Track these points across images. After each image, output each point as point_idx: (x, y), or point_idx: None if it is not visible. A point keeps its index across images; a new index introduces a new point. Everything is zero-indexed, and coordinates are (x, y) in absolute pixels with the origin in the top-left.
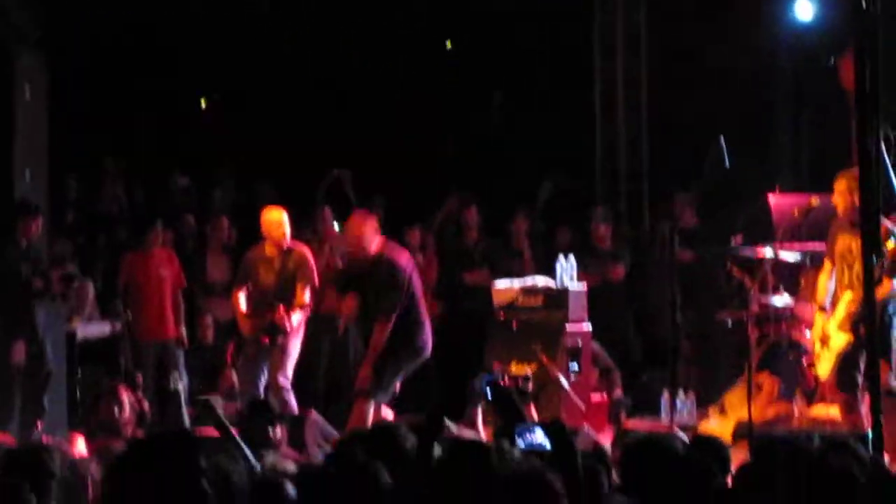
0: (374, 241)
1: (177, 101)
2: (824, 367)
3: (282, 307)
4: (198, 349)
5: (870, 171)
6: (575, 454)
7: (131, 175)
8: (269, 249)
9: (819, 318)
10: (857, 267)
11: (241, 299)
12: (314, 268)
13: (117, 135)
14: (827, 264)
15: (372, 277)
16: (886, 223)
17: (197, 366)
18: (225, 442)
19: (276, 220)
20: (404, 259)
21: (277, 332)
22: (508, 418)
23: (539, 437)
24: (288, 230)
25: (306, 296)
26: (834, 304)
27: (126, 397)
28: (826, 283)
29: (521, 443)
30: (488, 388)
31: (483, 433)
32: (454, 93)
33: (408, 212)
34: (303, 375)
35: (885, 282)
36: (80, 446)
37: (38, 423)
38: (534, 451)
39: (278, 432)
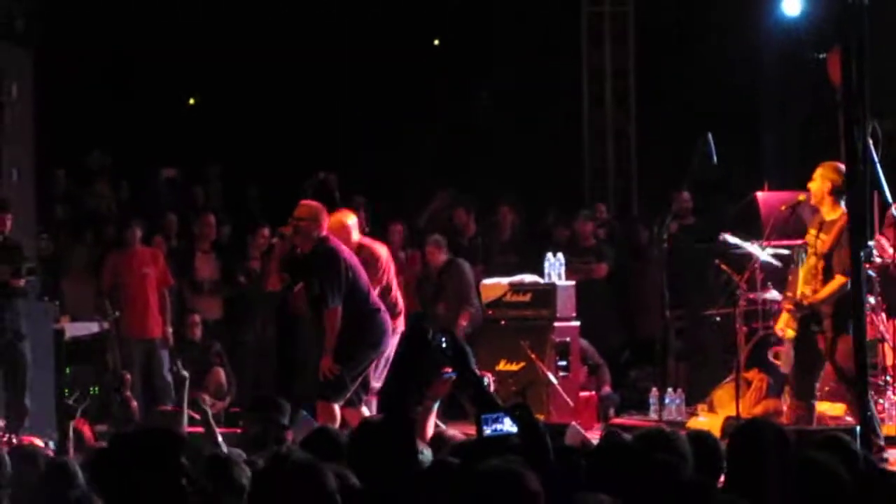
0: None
1: (165, 97)
2: (783, 360)
3: None
4: (185, 347)
5: (857, 167)
6: (543, 437)
7: (118, 171)
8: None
9: (786, 314)
10: (812, 261)
11: None
12: (385, 266)
13: (105, 131)
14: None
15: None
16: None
17: (185, 364)
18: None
19: (337, 222)
20: (344, 250)
21: None
22: (467, 378)
23: (507, 424)
24: (353, 231)
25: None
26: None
27: None
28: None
29: (487, 430)
30: (443, 341)
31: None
32: (440, 89)
33: (392, 208)
34: (291, 376)
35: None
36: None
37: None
38: (500, 436)
39: (289, 434)
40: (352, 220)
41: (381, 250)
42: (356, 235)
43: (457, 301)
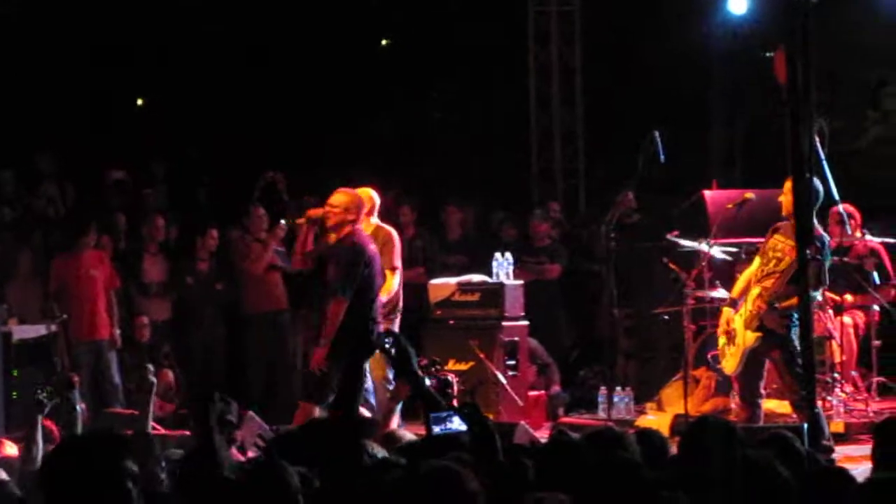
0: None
1: (112, 98)
2: (730, 363)
3: None
4: (134, 349)
5: (802, 166)
6: (492, 436)
7: (65, 172)
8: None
9: (726, 313)
10: (772, 265)
11: None
12: (400, 250)
13: (52, 132)
14: (755, 260)
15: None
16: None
17: (133, 365)
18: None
19: (367, 196)
20: (371, 249)
21: None
22: (408, 378)
23: (455, 423)
24: (376, 210)
25: (393, 280)
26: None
27: None
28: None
29: (437, 429)
30: (387, 341)
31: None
32: (389, 89)
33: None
34: (238, 373)
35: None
36: (9, 450)
37: None
38: (449, 435)
39: (238, 434)
40: (378, 200)
41: (395, 234)
42: (375, 217)
43: None
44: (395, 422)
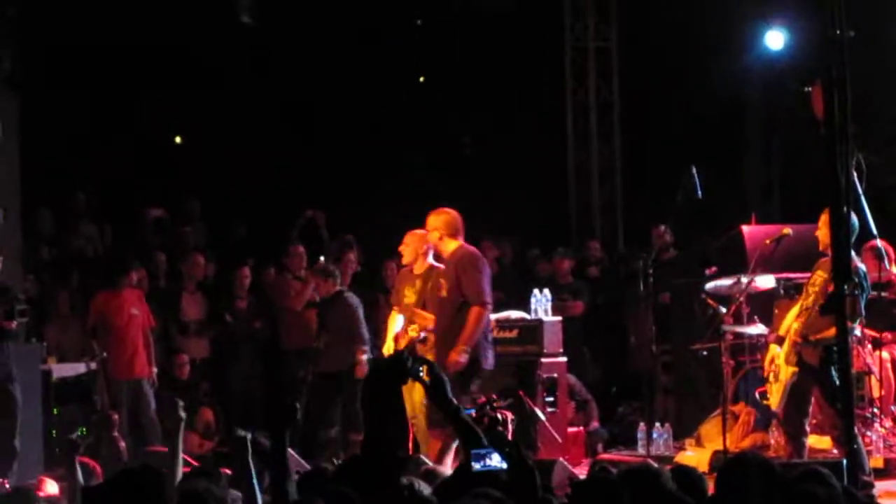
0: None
1: (150, 137)
2: (774, 399)
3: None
4: (173, 387)
5: (840, 200)
6: (532, 474)
7: (103, 210)
8: (416, 267)
9: (772, 350)
10: (810, 300)
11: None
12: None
13: (90, 170)
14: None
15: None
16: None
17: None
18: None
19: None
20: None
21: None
22: (445, 408)
23: (495, 460)
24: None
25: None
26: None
27: None
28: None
29: (476, 465)
30: (420, 370)
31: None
32: (426, 126)
33: (383, 246)
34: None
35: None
36: (51, 488)
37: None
38: (490, 472)
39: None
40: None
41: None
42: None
43: (340, 336)
44: (449, 459)
